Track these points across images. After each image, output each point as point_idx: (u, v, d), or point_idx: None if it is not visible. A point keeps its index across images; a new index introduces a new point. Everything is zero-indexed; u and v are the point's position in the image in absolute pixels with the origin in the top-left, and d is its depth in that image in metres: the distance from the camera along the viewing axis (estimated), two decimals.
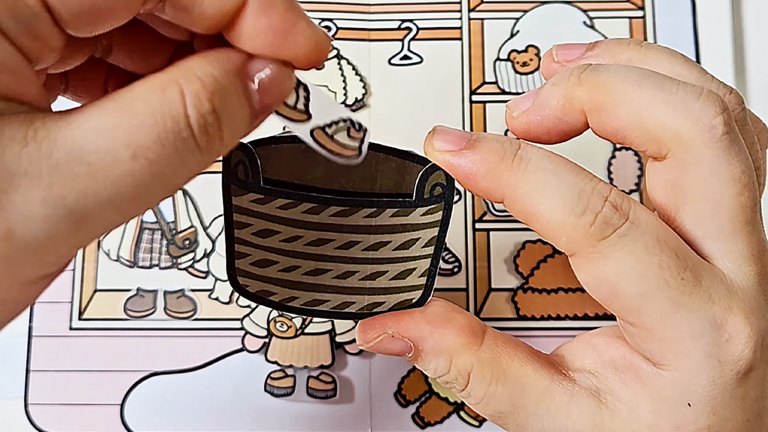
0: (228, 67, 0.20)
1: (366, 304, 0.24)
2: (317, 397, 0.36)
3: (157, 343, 0.36)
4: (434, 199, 0.23)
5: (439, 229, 0.24)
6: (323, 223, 0.23)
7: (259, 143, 0.23)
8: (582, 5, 0.40)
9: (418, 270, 0.24)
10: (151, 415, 0.36)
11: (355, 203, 0.23)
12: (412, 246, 0.24)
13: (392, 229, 0.24)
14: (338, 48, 0.40)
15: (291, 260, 0.24)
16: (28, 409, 0.36)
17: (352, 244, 0.24)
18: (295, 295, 0.24)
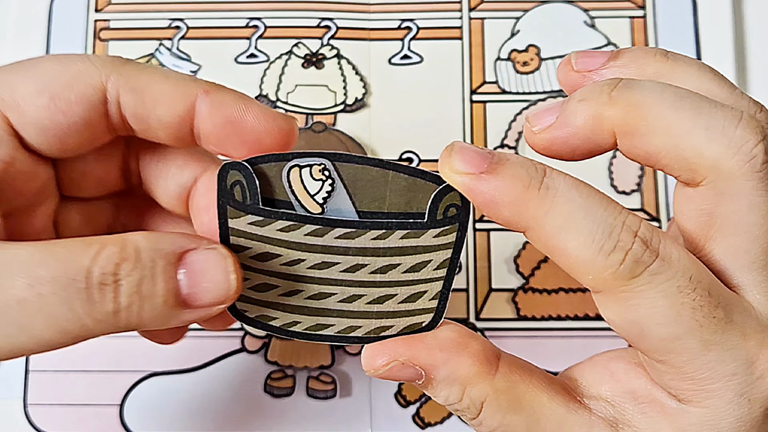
0: (161, 246, 0.21)
1: (373, 328, 0.23)
2: (317, 398, 0.36)
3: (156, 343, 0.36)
4: (448, 221, 0.22)
5: (452, 251, 0.23)
6: (328, 246, 0.22)
7: (259, 160, 0.22)
8: (583, 4, 0.40)
9: (429, 293, 0.23)
10: (151, 415, 0.36)
11: (362, 225, 0.22)
12: (423, 269, 0.23)
13: (402, 251, 0.22)
14: (338, 48, 0.40)
15: (293, 284, 0.23)
16: (27, 410, 0.36)
17: (358, 267, 0.23)
18: (297, 319, 0.23)
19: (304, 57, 0.39)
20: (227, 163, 0.22)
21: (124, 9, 0.40)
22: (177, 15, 0.40)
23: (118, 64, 0.23)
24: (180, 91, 0.23)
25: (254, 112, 0.23)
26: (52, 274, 0.19)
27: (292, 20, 0.40)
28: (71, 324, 0.20)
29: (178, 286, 0.21)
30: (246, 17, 0.40)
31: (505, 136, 0.39)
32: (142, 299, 0.20)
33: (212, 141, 0.23)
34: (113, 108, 0.23)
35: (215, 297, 0.21)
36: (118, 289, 0.20)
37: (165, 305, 0.21)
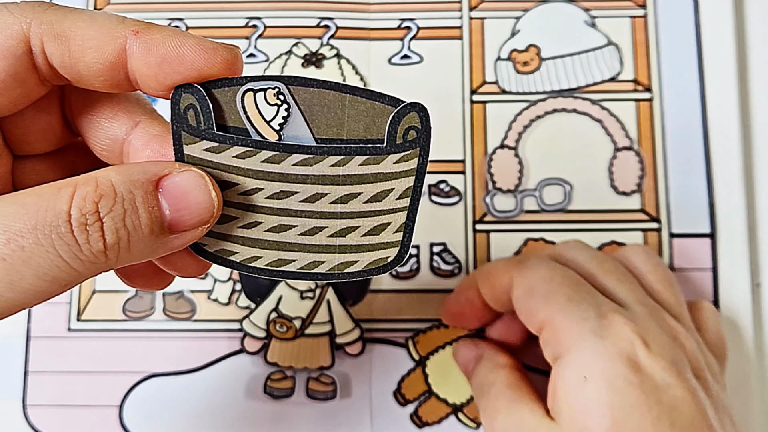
0: (135, 177, 0.20)
1: (337, 264, 0.23)
2: (317, 399, 0.36)
3: (155, 344, 0.36)
4: (408, 145, 0.21)
5: (414, 179, 0.22)
6: (285, 174, 0.21)
7: (212, 85, 0.21)
8: (583, 4, 0.40)
9: (393, 225, 0.22)
10: (150, 416, 0.36)
11: (319, 150, 0.21)
12: (385, 198, 0.22)
13: (362, 179, 0.22)
14: (338, 47, 0.39)
15: (251, 215, 0.22)
16: (26, 411, 0.36)
17: (318, 196, 0.22)
18: (257, 254, 0.23)
19: (304, 57, 0.39)
20: (180, 86, 0.21)
21: (123, 9, 0.40)
22: (176, 15, 0.40)
23: (39, 10, 0.21)
24: (107, 35, 0.21)
25: (190, 46, 0.21)
26: (30, 224, 0.19)
27: (292, 20, 0.40)
28: (60, 271, 0.19)
29: (161, 213, 0.21)
30: (245, 17, 0.40)
31: (505, 136, 0.38)
32: (128, 233, 0.20)
33: (151, 84, 0.22)
34: (40, 58, 0.22)
35: (199, 217, 0.21)
36: (102, 227, 0.19)
37: (152, 234, 0.20)
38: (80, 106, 0.24)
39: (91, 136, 0.24)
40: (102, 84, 0.22)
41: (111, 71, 0.22)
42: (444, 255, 0.37)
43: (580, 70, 0.39)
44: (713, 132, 0.38)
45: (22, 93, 0.22)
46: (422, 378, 0.36)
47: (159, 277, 0.26)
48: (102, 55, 0.21)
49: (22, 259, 0.19)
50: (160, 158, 0.23)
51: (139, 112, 0.24)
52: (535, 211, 0.38)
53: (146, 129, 0.23)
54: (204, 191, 0.21)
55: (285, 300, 0.37)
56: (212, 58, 0.21)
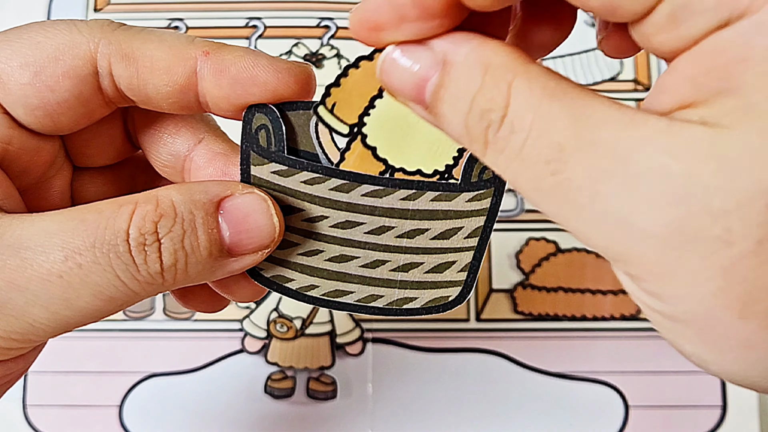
0: (196, 197, 0.20)
1: (396, 299, 0.22)
2: (317, 399, 0.36)
3: (156, 344, 0.36)
4: (483, 184, 0.20)
5: (485, 219, 0.21)
6: (353, 203, 0.21)
7: (287, 107, 0.20)
8: None
9: (458, 264, 0.21)
10: (150, 416, 0.36)
11: (391, 183, 0.20)
12: (453, 236, 0.21)
13: (432, 215, 0.21)
14: (338, 48, 0.39)
15: (313, 243, 0.21)
16: (26, 411, 0.36)
17: (384, 229, 0.21)
18: (315, 283, 0.22)
19: (304, 57, 0.39)
20: (253, 105, 0.20)
21: (123, 9, 0.40)
22: (176, 15, 0.40)
23: (108, 30, 0.21)
24: (177, 56, 0.21)
25: (263, 66, 0.20)
26: (88, 242, 0.18)
27: (292, 20, 0.40)
28: (117, 291, 0.19)
29: (221, 236, 0.20)
30: (245, 17, 0.40)
31: None
32: (186, 255, 0.19)
33: (222, 105, 0.21)
34: (106, 80, 0.21)
35: (260, 241, 0.20)
36: (160, 247, 0.19)
37: (210, 257, 0.20)
38: (143, 120, 0.23)
39: (153, 152, 0.23)
40: (171, 106, 0.21)
41: (180, 94, 0.21)
42: None
43: (580, 69, 0.39)
44: None
45: (85, 113, 0.22)
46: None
47: (215, 299, 0.25)
48: (171, 78, 0.21)
49: (79, 277, 0.18)
50: (223, 177, 0.22)
51: (203, 128, 0.23)
52: (536, 210, 0.38)
53: (210, 146, 0.23)
54: (266, 215, 0.20)
55: (285, 300, 0.37)
56: (286, 78, 0.20)
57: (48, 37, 0.21)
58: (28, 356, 0.22)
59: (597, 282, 0.37)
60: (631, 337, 0.36)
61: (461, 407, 0.36)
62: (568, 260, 0.37)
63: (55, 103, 0.21)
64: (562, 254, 0.37)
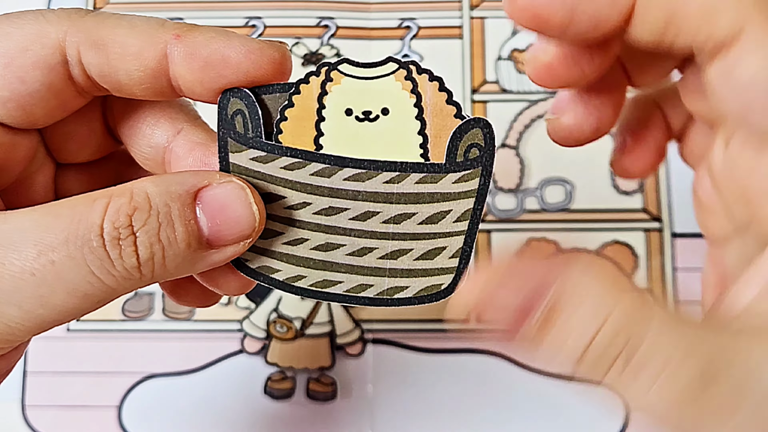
0: (172, 188, 0.19)
1: (386, 288, 0.21)
2: (317, 399, 0.36)
3: (155, 344, 0.36)
4: (469, 164, 0.20)
5: (474, 201, 0.20)
6: (336, 189, 0.20)
7: (262, 90, 0.20)
8: None
9: (448, 250, 0.21)
10: (149, 417, 0.36)
11: (373, 165, 0.20)
12: (441, 220, 0.20)
13: (418, 198, 0.20)
14: (338, 47, 0.39)
15: (297, 231, 0.21)
16: (25, 412, 0.36)
17: (369, 214, 0.20)
18: (302, 273, 0.21)
19: (304, 56, 0.39)
20: (228, 90, 0.20)
21: (122, 8, 0.40)
22: (175, 14, 0.40)
23: (76, 18, 0.20)
24: (147, 41, 0.20)
25: (236, 47, 0.20)
26: (61, 237, 0.18)
27: (292, 19, 0.40)
28: (93, 287, 0.18)
29: (198, 227, 0.19)
30: (245, 16, 0.40)
31: (506, 135, 0.38)
32: (163, 248, 0.19)
33: (195, 90, 0.20)
34: (76, 69, 0.21)
35: (240, 231, 0.20)
36: (135, 241, 0.18)
37: (188, 249, 0.19)
38: (121, 113, 0.23)
39: (133, 144, 0.23)
40: (144, 92, 0.21)
41: (152, 79, 0.20)
42: None
43: None
44: None
45: (58, 104, 0.21)
46: None
47: (206, 294, 0.24)
48: (142, 63, 0.20)
49: (52, 273, 0.18)
50: (202, 167, 0.22)
51: (182, 118, 0.23)
52: (537, 211, 0.37)
53: (189, 136, 0.22)
54: (245, 204, 0.20)
55: (285, 300, 0.37)
56: (259, 59, 0.20)
57: (15, 28, 0.20)
58: (10, 357, 0.21)
59: None
60: None
61: (461, 408, 0.36)
62: None
63: (26, 95, 0.20)
64: (562, 254, 0.37)
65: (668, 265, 0.37)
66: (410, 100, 0.20)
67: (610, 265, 0.17)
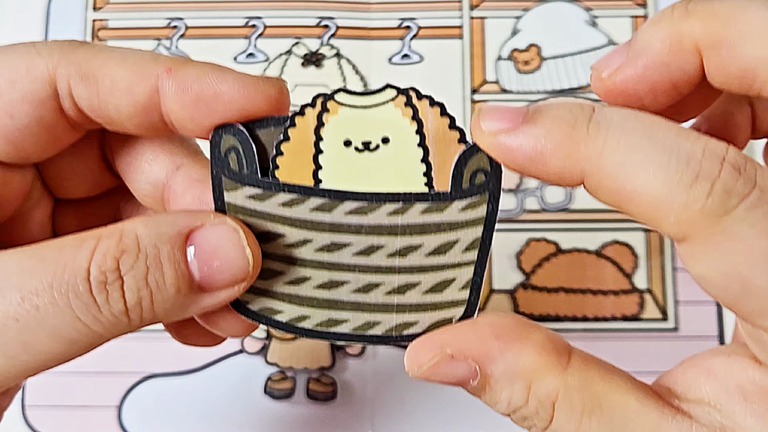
0: (163, 230, 0.19)
1: (394, 325, 0.20)
2: (317, 399, 0.36)
3: (155, 344, 0.36)
4: (475, 190, 0.19)
5: (483, 228, 0.20)
6: (337, 223, 0.19)
7: (256, 125, 0.19)
8: (584, 3, 0.40)
9: (458, 281, 0.20)
10: (149, 417, 0.35)
11: (375, 197, 0.19)
12: (449, 250, 0.20)
13: (424, 229, 0.19)
14: (338, 47, 0.39)
15: (299, 270, 0.20)
16: (25, 412, 0.36)
17: (374, 249, 0.20)
18: (305, 313, 0.21)
19: (304, 56, 0.39)
20: (220, 127, 0.19)
21: (122, 8, 0.40)
22: (176, 14, 0.40)
23: (67, 50, 0.20)
24: (138, 74, 0.19)
25: (229, 83, 0.19)
26: (45, 282, 0.17)
27: (292, 19, 0.40)
28: (78, 333, 0.18)
29: (188, 271, 0.19)
30: (245, 16, 0.40)
31: None
32: (151, 292, 0.18)
33: (188, 126, 0.20)
34: (67, 102, 0.20)
35: (232, 275, 0.19)
36: (122, 285, 0.18)
37: (178, 294, 0.19)
38: (119, 148, 0.22)
39: (132, 180, 0.22)
40: (136, 127, 0.20)
41: (143, 114, 0.20)
42: None
43: (581, 69, 0.39)
44: None
45: (50, 139, 0.21)
46: None
47: (211, 334, 0.23)
48: (133, 98, 0.20)
49: (36, 319, 0.17)
50: (201, 205, 0.21)
51: (181, 154, 0.22)
52: (537, 211, 0.37)
53: (188, 173, 0.21)
54: (237, 247, 0.19)
55: None
56: (253, 95, 0.19)
57: (4, 60, 0.20)
58: (2, 398, 0.21)
59: (598, 282, 0.37)
60: (632, 337, 0.36)
61: (461, 408, 0.36)
62: (569, 261, 0.37)
63: (16, 130, 0.20)
64: (563, 255, 0.37)
65: (668, 265, 0.37)
66: (411, 128, 0.20)
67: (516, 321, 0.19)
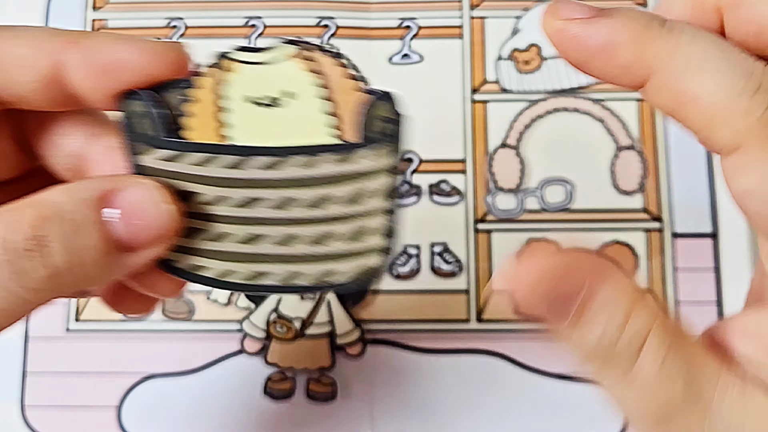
0: (81, 195, 0.19)
1: (318, 274, 0.21)
2: (317, 400, 0.36)
3: (154, 345, 0.36)
4: (381, 138, 0.20)
5: (392, 175, 0.20)
6: (250, 179, 0.20)
7: (164, 88, 0.20)
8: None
9: (374, 229, 0.21)
10: (149, 417, 0.35)
11: (285, 151, 0.20)
12: (362, 199, 0.20)
13: (335, 179, 0.20)
14: (338, 47, 0.39)
15: (219, 227, 0.20)
16: (24, 412, 0.36)
17: (289, 201, 0.20)
18: (231, 268, 0.21)
19: None
20: (127, 93, 0.20)
21: (122, 8, 0.40)
22: (175, 14, 0.40)
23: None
24: (39, 50, 0.20)
25: (129, 50, 0.19)
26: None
27: (291, 19, 0.40)
28: (7, 302, 0.18)
29: (110, 231, 0.19)
30: (245, 16, 0.40)
31: (507, 135, 0.38)
32: (76, 255, 0.19)
33: (95, 96, 0.20)
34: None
35: (154, 232, 0.19)
36: (47, 251, 0.18)
37: (103, 254, 0.19)
38: (33, 126, 0.23)
39: (51, 156, 0.22)
40: (44, 103, 0.21)
41: (49, 88, 0.20)
42: (445, 255, 0.37)
43: None
44: None
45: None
46: None
47: (143, 299, 0.24)
48: (36, 72, 0.20)
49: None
50: (118, 171, 0.21)
51: (95, 124, 0.22)
52: (537, 211, 0.37)
53: (103, 142, 0.22)
54: (156, 205, 0.19)
55: (285, 301, 0.37)
56: (154, 60, 0.20)
57: None
58: None
59: None
60: None
61: (462, 408, 0.36)
62: None
63: None
64: None
65: (669, 265, 0.37)
66: (314, 81, 0.20)
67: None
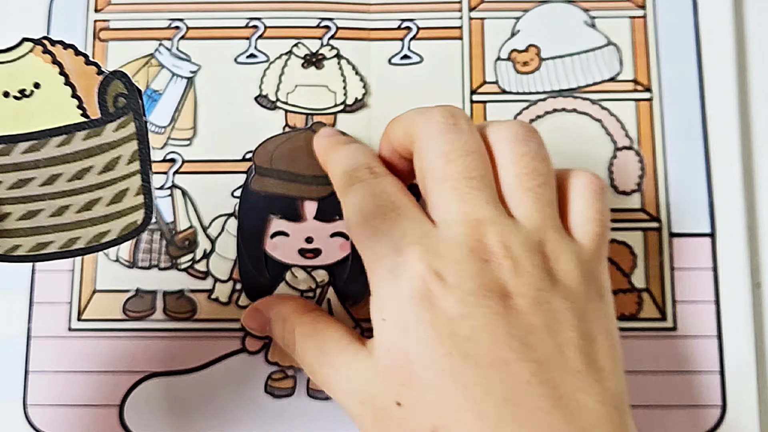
0: None
1: (92, 236, 0.24)
2: (318, 398, 0.36)
3: (156, 344, 0.36)
4: (120, 112, 0.23)
5: (137, 142, 0.24)
6: (17, 163, 0.23)
7: None
8: (583, 4, 0.40)
9: (131, 189, 0.24)
10: (151, 416, 0.36)
11: (42, 134, 0.23)
12: (116, 166, 0.24)
13: (89, 152, 0.23)
14: (338, 48, 0.39)
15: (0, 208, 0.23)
16: (27, 411, 0.36)
17: (55, 177, 0.23)
18: (17, 243, 0.23)
19: (304, 57, 0.39)
20: None
21: (123, 9, 0.40)
22: (177, 15, 0.40)
23: None
24: None
25: None
26: None
27: (292, 20, 0.40)
28: None
29: None
30: (246, 17, 0.40)
31: None
32: None
33: None
34: None
35: None
36: None
37: None
38: None
39: None
40: None
41: None
42: None
43: (579, 70, 0.39)
44: (713, 132, 0.38)
45: None
46: None
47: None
48: None
49: None
50: None
51: None
52: None
53: None
54: None
55: None
56: None
57: None
58: None
59: None
60: (631, 336, 0.36)
61: None
62: None
63: None
64: None
65: (666, 264, 0.37)
66: (54, 70, 0.23)
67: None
